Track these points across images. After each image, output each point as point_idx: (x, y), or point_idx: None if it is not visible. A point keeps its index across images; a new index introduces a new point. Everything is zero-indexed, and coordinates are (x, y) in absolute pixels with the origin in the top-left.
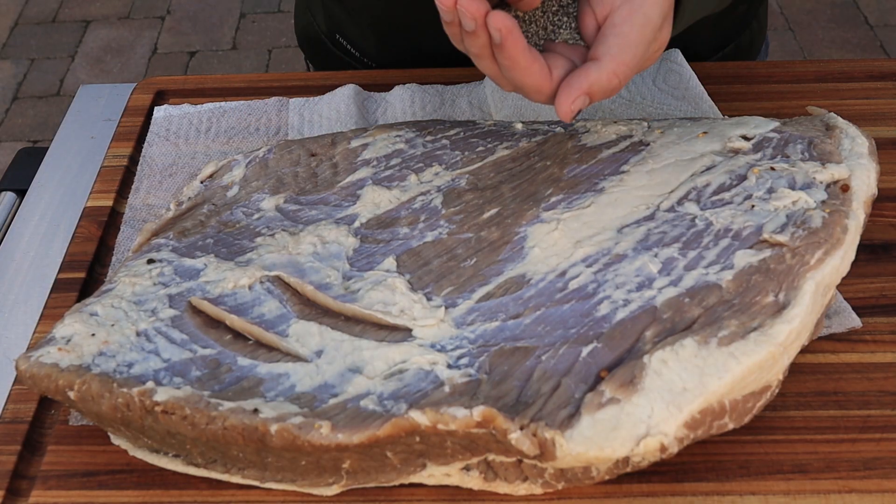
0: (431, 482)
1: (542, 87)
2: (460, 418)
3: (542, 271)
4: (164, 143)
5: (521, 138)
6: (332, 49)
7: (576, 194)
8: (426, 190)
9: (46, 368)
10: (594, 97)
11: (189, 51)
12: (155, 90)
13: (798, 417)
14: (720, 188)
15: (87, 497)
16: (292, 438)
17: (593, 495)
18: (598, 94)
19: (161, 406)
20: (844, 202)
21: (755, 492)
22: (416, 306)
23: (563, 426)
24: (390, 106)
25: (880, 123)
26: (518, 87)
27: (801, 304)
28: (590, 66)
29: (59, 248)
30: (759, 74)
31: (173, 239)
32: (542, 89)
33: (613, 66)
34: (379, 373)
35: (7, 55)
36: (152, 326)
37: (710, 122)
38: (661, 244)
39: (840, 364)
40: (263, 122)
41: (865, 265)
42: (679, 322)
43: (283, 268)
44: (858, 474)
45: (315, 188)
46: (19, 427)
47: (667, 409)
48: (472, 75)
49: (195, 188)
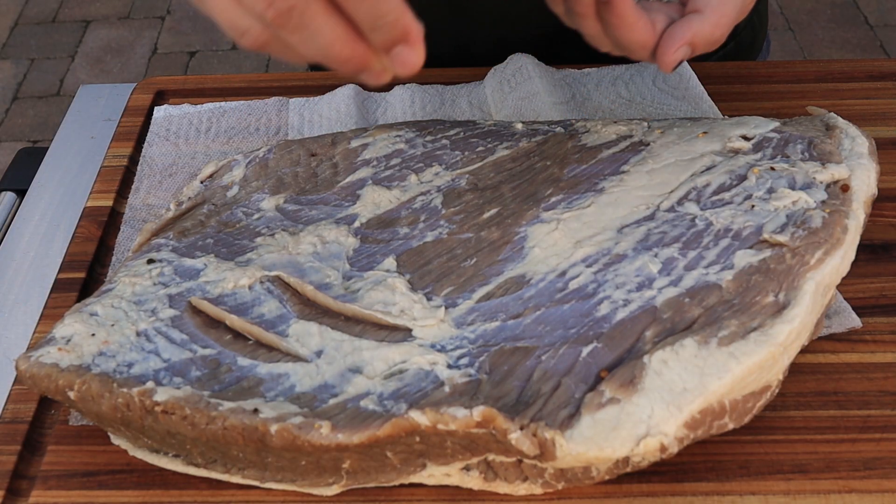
0: (431, 482)
1: (648, 42)
2: (460, 418)
3: (542, 271)
4: (164, 143)
5: (521, 138)
6: None
7: (576, 194)
8: (426, 190)
9: (46, 368)
10: (697, 48)
11: (189, 51)
12: (155, 90)
13: (798, 417)
14: (720, 188)
15: (87, 497)
16: (292, 438)
17: (593, 495)
18: (701, 45)
19: (161, 406)
20: (844, 202)
21: (755, 492)
22: (416, 306)
23: (563, 426)
24: (390, 106)
25: (880, 123)
26: (622, 45)
27: (801, 304)
28: (692, 17)
29: (59, 248)
30: (759, 74)
31: (173, 239)
32: (647, 44)
33: (716, 18)
34: (379, 373)
35: (7, 55)
36: (152, 326)
37: (710, 122)
38: (661, 244)
39: (840, 364)
40: (263, 122)
41: (865, 265)
42: (679, 322)
43: (283, 268)
44: (858, 474)
45: (315, 188)
46: (19, 427)
47: (667, 409)
48: (472, 75)
49: (195, 188)
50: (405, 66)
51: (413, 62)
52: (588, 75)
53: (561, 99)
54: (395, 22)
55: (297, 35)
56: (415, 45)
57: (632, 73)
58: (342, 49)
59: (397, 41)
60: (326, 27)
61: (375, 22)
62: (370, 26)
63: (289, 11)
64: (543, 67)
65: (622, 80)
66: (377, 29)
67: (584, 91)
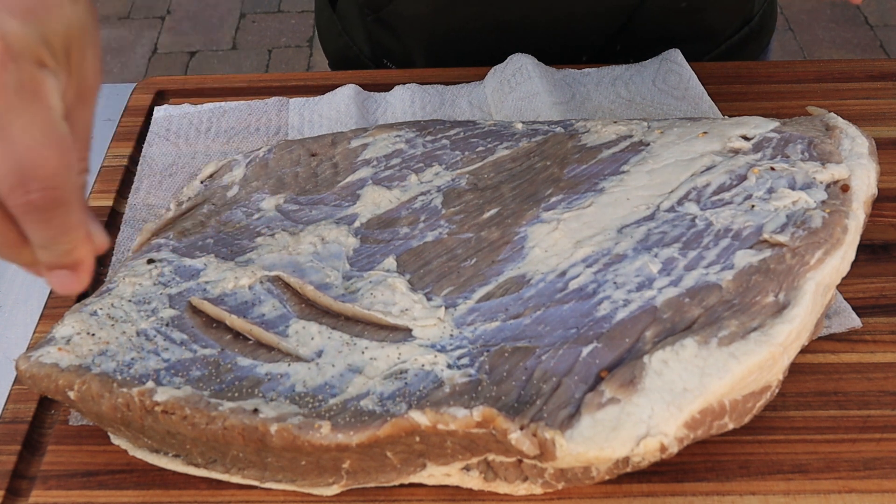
0: (431, 482)
1: None
2: (460, 418)
3: (542, 271)
4: (164, 143)
5: (521, 138)
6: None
7: (576, 194)
8: (426, 190)
9: (46, 368)
10: None
11: (189, 51)
12: (155, 90)
13: (798, 417)
14: (720, 188)
15: (87, 497)
16: (292, 438)
17: (593, 495)
18: None
19: (161, 406)
20: (844, 202)
21: (755, 492)
22: (416, 306)
23: (563, 426)
24: (390, 106)
25: (880, 123)
26: None
27: (801, 305)
28: None
29: None
30: (759, 74)
31: (173, 239)
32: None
33: None
34: (379, 373)
35: None
36: (152, 326)
37: (710, 122)
38: (661, 244)
39: (840, 364)
40: (263, 122)
41: (865, 265)
42: (679, 322)
43: (283, 268)
44: (858, 474)
45: (315, 188)
46: (19, 427)
47: (667, 409)
48: (472, 75)
49: (195, 188)
50: (61, 287)
51: (72, 289)
52: (588, 75)
53: (561, 99)
54: (67, 253)
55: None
56: (80, 275)
57: (632, 74)
58: (8, 255)
59: (65, 267)
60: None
61: (49, 244)
62: (40, 244)
63: None
64: (543, 67)
65: (622, 80)
66: (45, 248)
67: (584, 91)
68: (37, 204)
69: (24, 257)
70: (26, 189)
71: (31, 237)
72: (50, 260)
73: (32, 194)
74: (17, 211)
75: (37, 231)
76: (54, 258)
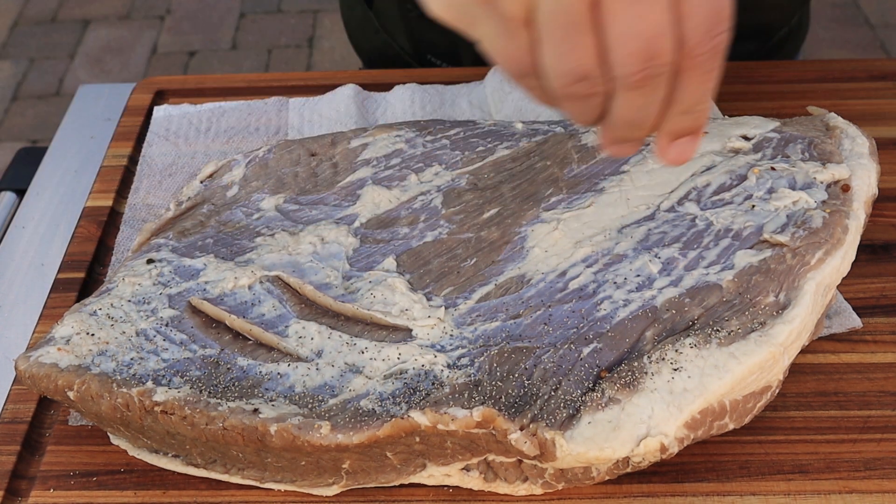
0: (431, 482)
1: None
2: (460, 418)
3: (542, 271)
4: (163, 143)
5: (521, 138)
6: (415, 65)
7: (576, 194)
8: (426, 190)
9: (46, 368)
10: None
11: (189, 51)
12: (155, 90)
13: (798, 418)
14: (720, 188)
15: (86, 497)
16: (292, 438)
17: (593, 495)
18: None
19: (161, 406)
20: (845, 202)
21: (755, 492)
22: (416, 306)
23: (563, 426)
24: (390, 106)
25: (881, 123)
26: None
27: (801, 305)
28: None
29: (58, 248)
30: (759, 74)
31: (173, 239)
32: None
33: None
34: (379, 373)
35: (7, 55)
36: (152, 326)
37: (710, 121)
38: (661, 244)
39: (840, 364)
40: (263, 122)
41: (866, 265)
42: (679, 322)
43: (283, 268)
44: (859, 475)
45: (315, 188)
46: (19, 427)
47: (667, 410)
48: (472, 75)
49: (195, 188)
50: (679, 157)
51: (687, 157)
52: None
53: None
54: (702, 114)
55: (634, 97)
56: (696, 141)
57: None
58: (645, 120)
59: (690, 132)
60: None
61: (693, 106)
62: (685, 108)
63: (657, 78)
64: None
65: None
66: (688, 113)
67: None
68: (718, 49)
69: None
70: (713, 33)
71: (682, 99)
72: (686, 125)
73: (717, 38)
74: (698, 61)
75: (700, 85)
76: (692, 122)
